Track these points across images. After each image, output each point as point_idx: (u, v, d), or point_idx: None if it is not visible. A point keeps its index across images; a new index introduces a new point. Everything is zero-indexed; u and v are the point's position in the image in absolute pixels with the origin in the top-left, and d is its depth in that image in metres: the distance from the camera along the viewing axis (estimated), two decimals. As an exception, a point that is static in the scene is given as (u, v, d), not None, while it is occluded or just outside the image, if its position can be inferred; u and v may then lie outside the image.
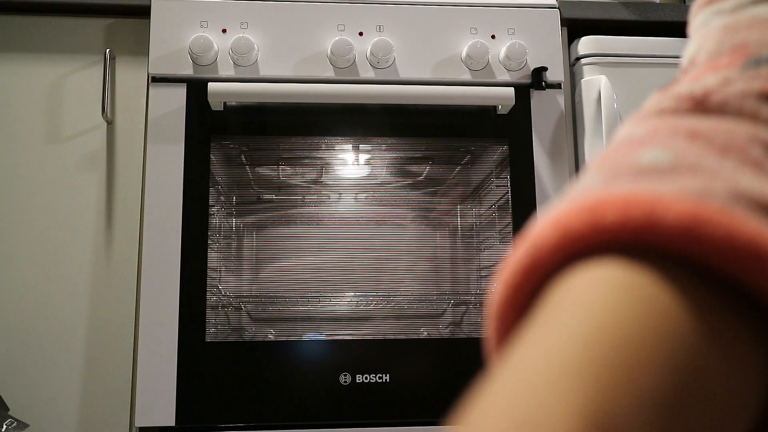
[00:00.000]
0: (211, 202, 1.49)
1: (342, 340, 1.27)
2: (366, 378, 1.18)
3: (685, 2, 1.83)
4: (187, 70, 1.21)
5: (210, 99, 1.19)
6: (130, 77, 1.27)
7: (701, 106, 0.29)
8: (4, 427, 1.09)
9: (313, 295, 1.56)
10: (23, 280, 1.21)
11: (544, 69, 1.25)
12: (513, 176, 1.36)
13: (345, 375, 1.18)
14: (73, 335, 1.20)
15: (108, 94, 1.24)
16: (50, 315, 1.20)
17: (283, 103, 1.27)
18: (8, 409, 1.14)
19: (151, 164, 1.21)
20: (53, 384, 1.19)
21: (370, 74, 1.23)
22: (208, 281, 1.44)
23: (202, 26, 1.22)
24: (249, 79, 1.23)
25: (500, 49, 1.25)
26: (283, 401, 1.17)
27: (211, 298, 1.45)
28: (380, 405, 1.18)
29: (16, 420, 1.11)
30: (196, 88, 1.24)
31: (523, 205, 1.30)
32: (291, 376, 1.19)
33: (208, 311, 1.44)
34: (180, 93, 1.24)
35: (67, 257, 1.22)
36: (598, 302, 0.22)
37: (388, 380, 1.18)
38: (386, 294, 1.51)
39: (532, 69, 1.25)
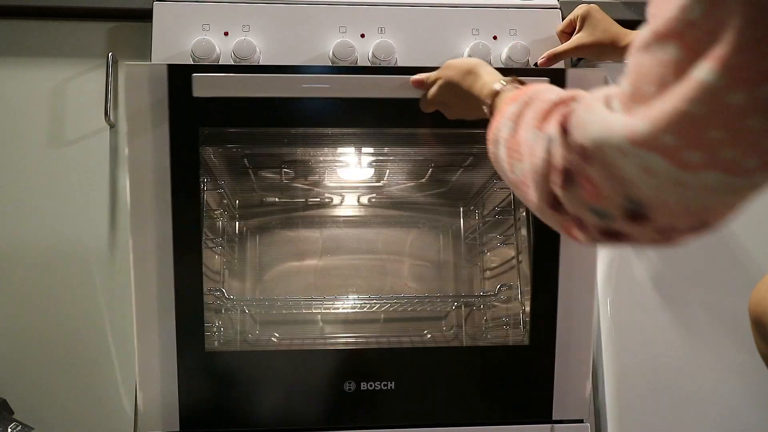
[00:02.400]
0: (214, 206, 1.49)
1: (346, 350, 1.25)
2: (371, 386, 1.17)
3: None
4: (190, 73, 1.21)
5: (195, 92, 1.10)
6: (132, 81, 1.27)
7: None
8: (9, 430, 1.09)
9: (317, 297, 1.56)
10: (26, 284, 1.21)
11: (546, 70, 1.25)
12: (516, 177, 1.36)
13: (350, 383, 1.17)
14: (78, 339, 1.20)
15: (111, 97, 1.24)
16: (54, 319, 1.20)
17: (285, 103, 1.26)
18: (13, 413, 1.14)
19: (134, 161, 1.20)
20: (58, 387, 1.19)
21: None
22: (213, 285, 1.44)
23: (204, 29, 1.22)
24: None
25: (502, 50, 1.25)
26: (288, 407, 1.17)
27: (215, 302, 1.45)
28: (385, 412, 1.18)
29: (21, 423, 1.11)
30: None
31: (525, 207, 1.30)
32: (295, 385, 1.17)
33: (212, 314, 1.44)
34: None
35: (70, 261, 1.22)
36: None
37: (393, 387, 1.18)
38: (390, 296, 1.51)
39: (534, 70, 1.25)
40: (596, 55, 1.20)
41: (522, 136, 0.66)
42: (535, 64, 1.25)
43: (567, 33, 1.24)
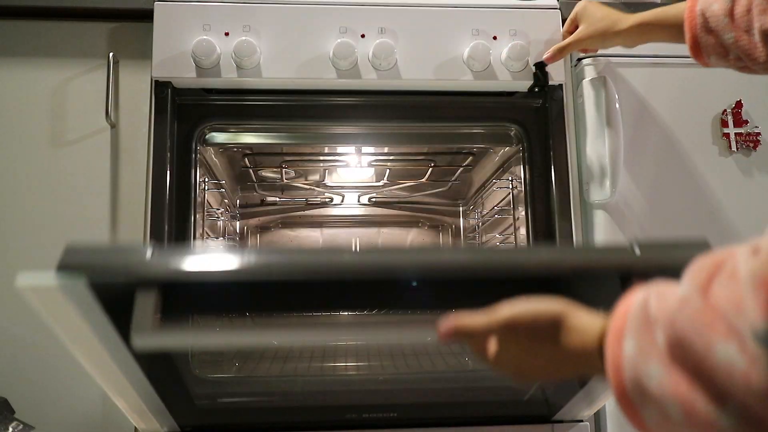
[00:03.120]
0: (215, 205, 1.49)
1: (348, 382, 1.23)
2: (373, 415, 1.16)
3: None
4: (190, 74, 1.21)
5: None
6: (133, 81, 1.28)
7: None
8: (10, 429, 1.09)
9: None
10: (28, 284, 1.21)
11: (546, 70, 1.26)
12: (514, 178, 1.37)
13: (351, 414, 1.16)
14: (78, 338, 1.20)
15: (111, 97, 1.24)
16: (55, 318, 1.20)
17: (285, 103, 1.27)
18: (14, 412, 1.14)
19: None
20: (58, 387, 1.19)
21: (372, 76, 1.23)
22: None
23: (204, 29, 1.22)
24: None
25: (502, 50, 1.25)
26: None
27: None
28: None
29: (22, 423, 1.11)
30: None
31: (524, 206, 1.30)
32: (293, 410, 1.16)
33: (213, 317, 1.44)
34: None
35: (71, 260, 1.22)
36: None
37: (395, 416, 1.16)
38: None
39: (533, 70, 1.26)
40: (599, 43, 1.20)
41: (690, 366, 0.44)
42: (541, 63, 1.25)
43: (571, 32, 1.25)
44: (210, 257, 0.66)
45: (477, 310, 0.64)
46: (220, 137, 1.29)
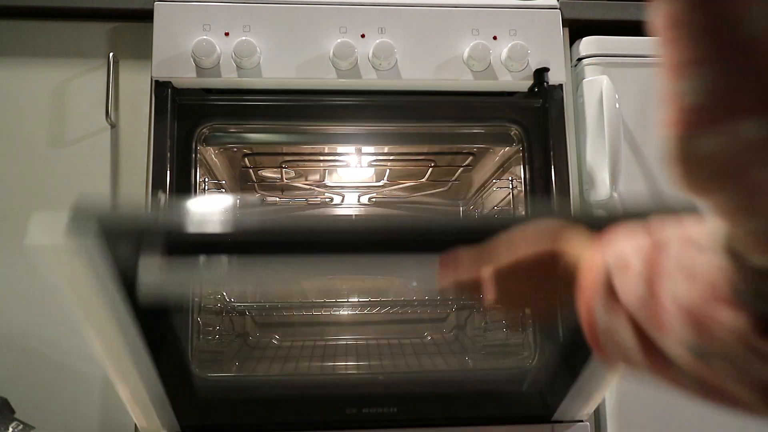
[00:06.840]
0: (214, 205, 1.49)
1: (347, 380, 1.22)
2: (372, 410, 1.15)
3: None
4: (190, 74, 1.21)
5: None
6: (133, 81, 1.28)
7: None
8: (11, 430, 1.09)
9: (317, 300, 1.56)
10: (27, 284, 1.21)
11: (546, 70, 1.26)
12: (514, 178, 1.37)
13: (351, 409, 1.15)
14: (78, 338, 1.20)
15: (112, 97, 1.24)
16: (55, 318, 1.20)
17: (285, 103, 1.27)
18: (14, 412, 1.14)
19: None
20: (59, 387, 1.19)
21: (372, 75, 1.23)
22: (214, 287, 1.44)
23: (204, 29, 1.22)
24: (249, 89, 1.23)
25: (502, 50, 1.25)
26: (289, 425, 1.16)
27: (216, 305, 1.46)
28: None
29: (22, 423, 1.11)
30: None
31: (525, 206, 1.30)
32: (296, 413, 1.16)
33: (213, 316, 1.44)
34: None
35: (71, 260, 1.22)
36: None
37: (395, 411, 1.16)
38: (390, 299, 1.51)
39: (534, 70, 1.26)
40: None
41: None
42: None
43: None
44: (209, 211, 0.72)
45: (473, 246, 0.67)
46: (220, 137, 1.29)
